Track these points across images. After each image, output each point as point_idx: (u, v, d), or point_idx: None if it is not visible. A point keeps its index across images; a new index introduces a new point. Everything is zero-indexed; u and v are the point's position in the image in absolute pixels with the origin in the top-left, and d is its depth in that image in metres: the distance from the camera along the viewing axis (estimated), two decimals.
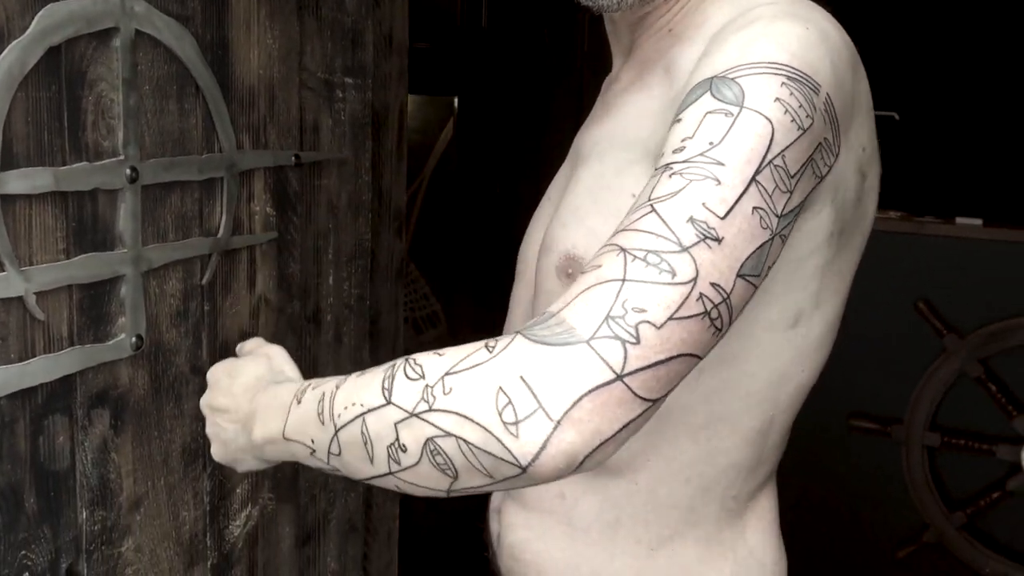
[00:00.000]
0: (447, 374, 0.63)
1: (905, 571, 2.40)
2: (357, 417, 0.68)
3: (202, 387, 1.09)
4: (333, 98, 1.31)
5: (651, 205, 0.65)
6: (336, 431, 0.71)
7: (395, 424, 0.64)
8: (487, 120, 3.04)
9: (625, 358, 0.59)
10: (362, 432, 0.68)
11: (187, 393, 1.08)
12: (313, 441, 0.75)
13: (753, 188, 0.65)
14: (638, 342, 0.59)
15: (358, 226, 1.40)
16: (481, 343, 0.65)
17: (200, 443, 1.10)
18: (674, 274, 0.61)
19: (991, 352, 2.26)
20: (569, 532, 0.87)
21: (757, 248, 0.64)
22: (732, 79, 0.68)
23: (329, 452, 0.73)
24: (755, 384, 0.81)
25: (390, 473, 0.67)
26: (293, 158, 1.21)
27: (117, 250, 0.95)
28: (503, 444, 0.59)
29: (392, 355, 1.56)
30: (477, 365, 0.62)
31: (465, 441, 0.61)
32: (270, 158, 1.17)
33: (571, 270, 0.82)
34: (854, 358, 2.41)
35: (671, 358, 0.60)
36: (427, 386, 0.63)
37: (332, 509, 1.41)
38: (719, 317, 0.62)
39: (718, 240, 0.63)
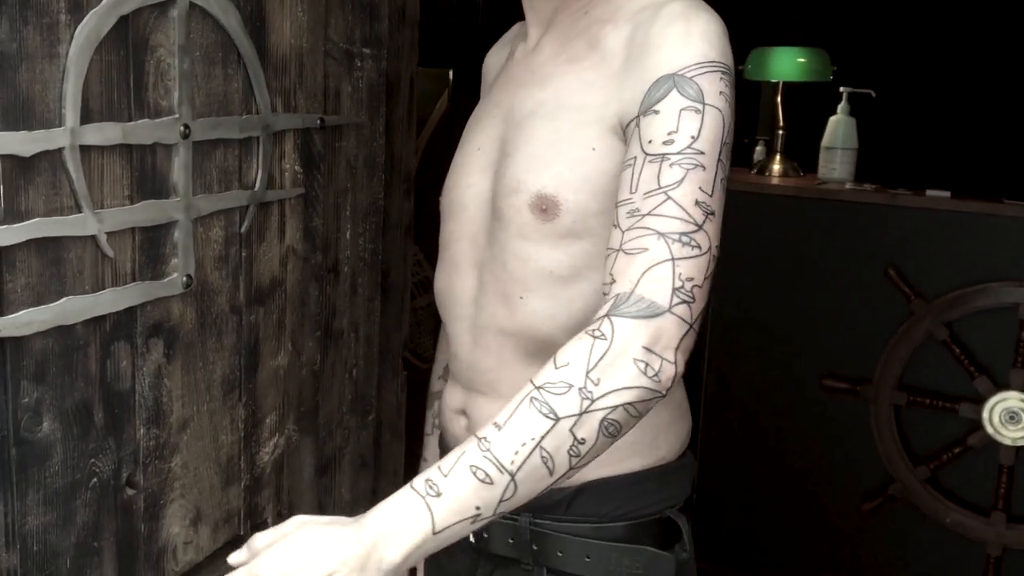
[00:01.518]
0: (588, 372, 0.82)
1: (871, 522, 2.56)
2: (533, 449, 0.81)
3: (239, 325, 1.22)
4: (352, 67, 1.42)
5: (665, 193, 0.88)
6: (513, 475, 0.81)
7: (570, 430, 0.81)
8: (479, 92, 3.13)
9: (691, 314, 0.86)
10: (541, 457, 0.81)
11: (227, 330, 1.20)
12: (479, 507, 0.81)
13: (719, 166, 0.90)
14: (694, 300, 0.86)
15: (372, 186, 1.53)
16: (587, 337, 0.84)
17: (237, 375, 1.23)
18: (700, 248, 0.87)
19: (955, 316, 2.40)
20: None
21: (722, 207, 0.91)
22: (689, 78, 0.91)
23: (501, 500, 0.81)
24: None
25: (571, 468, 0.83)
26: (318, 121, 1.33)
27: (172, 198, 1.07)
28: (654, 391, 0.84)
29: (401, 308, 1.69)
30: (605, 353, 0.82)
31: (630, 403, 0.83)
32: (299, 120, 1.29)
33: (545, 206, 0.99)
34: (827, 321, 2.56)
35: (706, 303, 0.89)
36: (580, 389, 0.82)
37: (347, 444, 1.55)
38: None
39: (713, 213, 0.89)
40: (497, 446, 0.81)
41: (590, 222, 0.99)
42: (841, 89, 2.71)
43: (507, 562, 1.10)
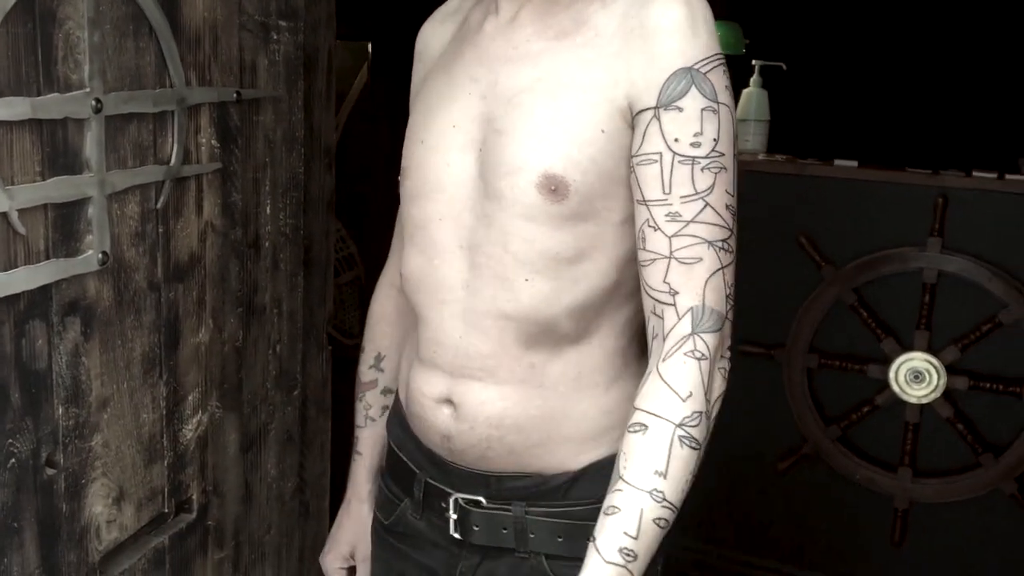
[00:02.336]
0: (706, 395, 0.95)
1: (786, 481, 2.66)
2: (690, 481, 0.94)
3: (158, 302, 1.21)
4: (269, 40, 1.41)
5: (703, 200, 0.95)
6: (679, 509, 0.94)
7: (698, 457, 0.95)
8: (401, 65, 3.11)
9: (733, 314, 0.99)
10: (686, 483, 0.94)
11: (145, 307, 1.19)
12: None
13: (735, 163, 0.97)
14: (734, 302, 0.98)
15: (292, 160, 1.52)
16: (691, 360, 0.94)
17: (157, 352, 1.22)
18: (734, 251, 0.97)
19: (863, 281, 2.49)
20: (541, 392, 1.04)
21: None
22: (704, 74, 0.94)
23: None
24: None
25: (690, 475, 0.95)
26: (235, 95, 1.32)
27: (84, 174, 1.06)
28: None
29: (324, 284, 1.69)
30: (709, 372, 0.95)
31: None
32: (215, 94, 1.28)
33: (554, 186, 0.98)
34: (742, 288, 2.63)
35: None
36: (706, 414, 0.95)
37: (272, 420, 1.55)
38: None
39: (735, 213, 0.97)
40: (670, 493, 0.92)
41: (595, 204, 0.99)
42: (754, 62, 2.78)
43: (497, 552, 1.09)
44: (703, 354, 0.94)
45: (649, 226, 0.96)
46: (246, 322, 1.44)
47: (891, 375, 2.46)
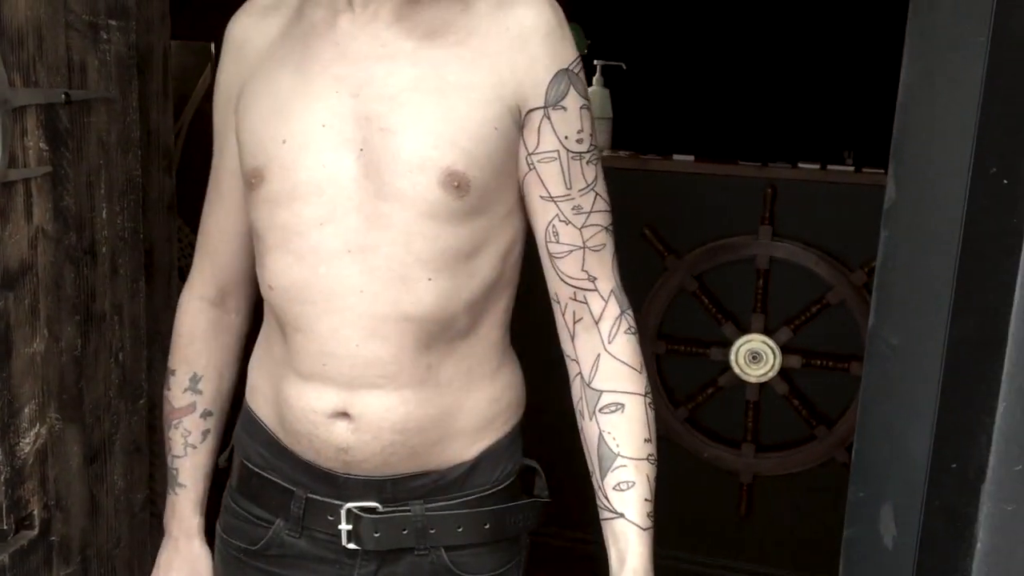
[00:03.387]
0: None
1: None
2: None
3: None
4: (98, 39, 1.38)
5: (594, 190, 1.05)
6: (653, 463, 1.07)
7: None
8: None
9: None
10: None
11: None
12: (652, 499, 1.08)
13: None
14: None
15: (128, 162, 1.48)
16: (632, 335, 1.07)
17: None
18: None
19: (703, 269, 2.63)
20: (438, 391, 1.06)
21: None
22: (576, 75, 1.03)
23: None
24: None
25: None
26: (63, 96, 1.28)
27: None
28: None
29: (169, 288, 1.66)
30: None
31: None
32: (41, 95, 1.24)
33: (457, 182, 1.00)
34: None
35: None
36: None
37: (116, 431, 1.51)
38: None
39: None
40: (655, 451, 1.06)
41: (490, 198, 1.03)
42: (595, 62, 2.87)
43: (396, 555, 1.09)
44: (634, 328, 1.07)
45: (560, 220, 1.04)
46: (84, 331, 1.40)
47: (732, 357, 2.60)
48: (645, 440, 1.04)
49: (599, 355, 1.05)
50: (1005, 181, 0.64)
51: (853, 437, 2.51)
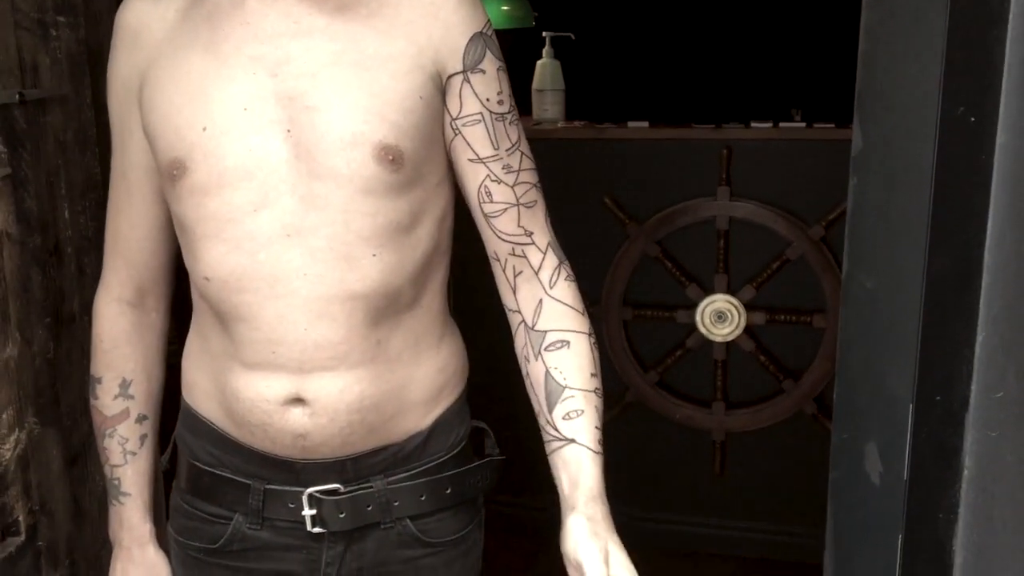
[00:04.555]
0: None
1: (613, 429, 2.79)
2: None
3: None
4: (48, 36, 1.35)
5: (519, 150, 1.07)
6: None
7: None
8: None
9: None
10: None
11: None
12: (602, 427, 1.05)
13: None
14: None
15: (87, 160, 1.46)
16: (572, 282, 1.08)
17: None
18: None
19: (664, 234, 2.65)
20: (389, 366, 1.06)
21: None
22: (490, 36, 1.05)
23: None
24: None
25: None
26: (17, 96, 1.26)
27: None
28: None
29: None
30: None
31: None
32: None
33: (392, 156, 1.00)
34: None
35: None
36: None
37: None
38: None
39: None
40: (601, 385, 1.06)
41: (423, 168, 1.03)
42: (544, 34, 2.88)
43: (362, 532, 1.10)
44: (573, 276, 1.09)
45: (492, 180, 1.05)
46: (56, 333, 1.38)
47: (697, 318, 2.63)
48: (592, 374, 1.06)
49: (541, 299, 1.07)
50: (972, 119, 0.66)
51: (820, 388, 2.57)
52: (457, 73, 1.03)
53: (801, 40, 3.33)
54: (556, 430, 1.03)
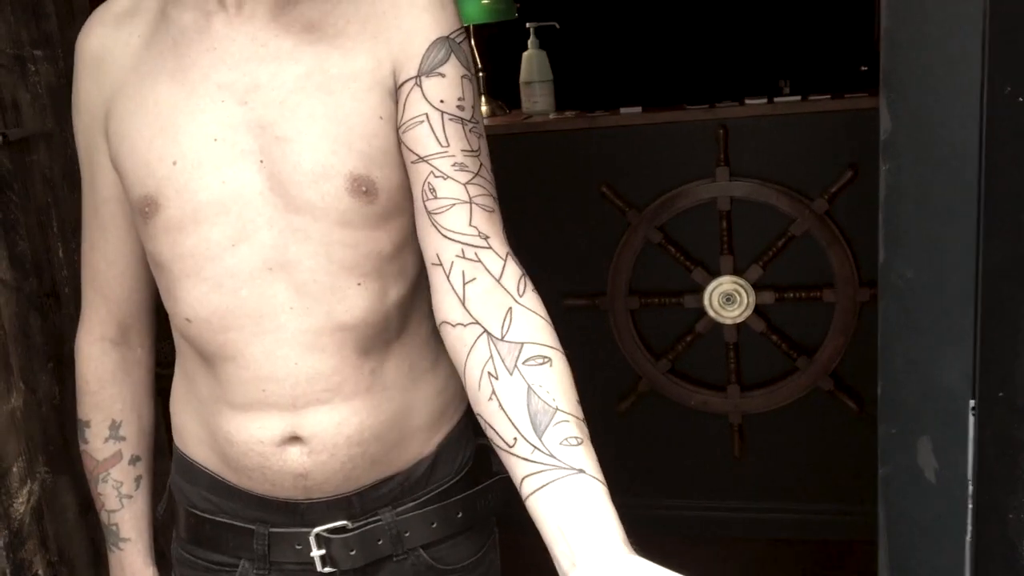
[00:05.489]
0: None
1: (627, 420, 2.77)
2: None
3: None
4: (27, 72, 1.31)
5: (479, 160, 0.96)
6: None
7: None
8: None
9: None
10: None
11: None
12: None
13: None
14: None
15: (77, 198, 1.41)
16: (537, 295, 0.92)
17: None
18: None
19: (666, 219, 2.61)
20: (386, 395, 1.02)
21: None
22: (459, 44, 0.97)
23: None
24: None
25: None
26: (0, 137, 1.22)
27: None
28: None
29: None
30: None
31: None
32: None
33: (364, 187, 0.95)
34: (557, 246, 2.71)
35: None
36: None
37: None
38: None
39: None
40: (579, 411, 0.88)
41: (397, 198, 0.98)
42: (528, 25, 2.83)
43: (373, 568, 1.06)
44: (535, 291, 0.94)
45: (436, 176, 0.94)
46: (59, 377, 1.34)
47: (705, 302, 2.60)
48: (576, 401, 0.89)
49: (510, 308, 0.90)
50: (1021, 99, 0.63)
51: (835, 363, 2.54)
52: (409, 79, 0.96)
53: (783, 10, 3.29)
54: (552, 457, 0.82)
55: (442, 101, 0.95)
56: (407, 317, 1.04)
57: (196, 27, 0.97)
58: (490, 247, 0.93)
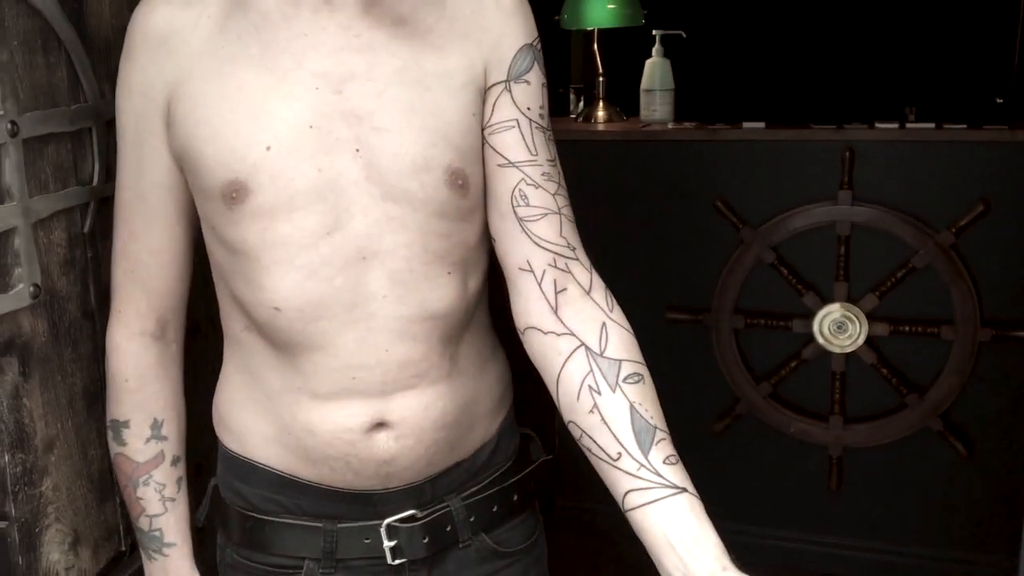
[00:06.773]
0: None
1: (723, 441, 2.71)
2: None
3: (94, 331, 1.13)
4: None
5: (559, 170, 1.01)
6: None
7: None
8: None
9: None
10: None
11: (82, 338, 1.12)
12: None
13: None
14: None
15: None
16: (615, 302, 0.99)
17: (99, 384, 1.15)
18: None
19: (780, 239, 2.55)
20: (462, 380, 1.04)
21: None
22: (539, 50, 1.01)
23: None
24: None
25: None
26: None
27: (7, 203, 0.98)
28: None
29: None
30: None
31: None
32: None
33: (461, 181, 0.98)
34: (665, 257, 2.67)
35: None
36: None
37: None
38: None
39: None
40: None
41: (481, 192, 1.01)
42: (654, 32, 2.80)
43: (441, 556, 1.06)
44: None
45: (528, 184, 0.98)
46: (191, 338, 1.36)
47: (815, 328, 2.52)
48: (663, 416, 0.95)
49: (604, 323, 0.96)
50: None
51: (947, 404, 2.44)
52: (499, 83, 0.99)
53: (916, 35, 3.18)
54: (659, 476, 0.89)
55: (528, 108, 1.00)
56: (477, 305, 1.07)
57: (281, 13, 0.96)
58: (578, 259, 0.99)
